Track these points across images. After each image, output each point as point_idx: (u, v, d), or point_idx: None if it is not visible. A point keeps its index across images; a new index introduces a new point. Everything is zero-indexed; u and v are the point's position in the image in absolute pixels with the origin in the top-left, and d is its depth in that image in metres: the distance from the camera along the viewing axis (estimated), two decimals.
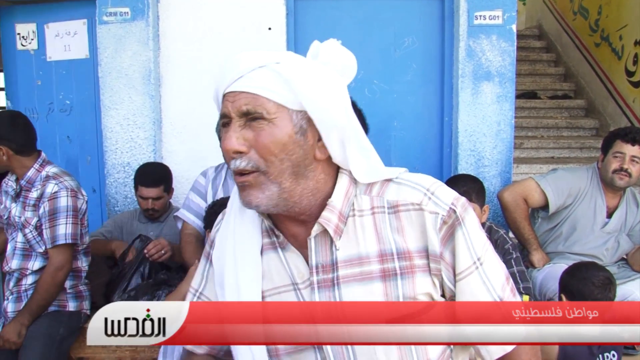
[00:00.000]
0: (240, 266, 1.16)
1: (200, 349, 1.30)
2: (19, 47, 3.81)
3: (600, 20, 6.32)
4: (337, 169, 1.13)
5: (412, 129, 3.72)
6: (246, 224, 1.18)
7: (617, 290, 2.81)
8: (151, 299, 2.71)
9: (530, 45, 7.54)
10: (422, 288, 1.09)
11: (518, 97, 5.97)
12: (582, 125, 6.20)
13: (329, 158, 1.11)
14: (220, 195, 2.84)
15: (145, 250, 2.82)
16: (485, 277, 1.10)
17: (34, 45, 3.79)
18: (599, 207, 3.04)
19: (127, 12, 3.50)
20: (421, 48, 3.66)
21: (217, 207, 2.60)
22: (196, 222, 2.83)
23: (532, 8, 8.42)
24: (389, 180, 1.14)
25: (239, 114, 1.05)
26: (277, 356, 1.16)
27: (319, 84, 1.05)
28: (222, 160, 2.96)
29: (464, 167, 3.55)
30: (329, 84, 1.07)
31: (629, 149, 2.93)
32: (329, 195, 1.11)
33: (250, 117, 1.04)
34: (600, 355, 2.20)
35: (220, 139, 2.97)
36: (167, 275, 2.85)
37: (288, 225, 1.14)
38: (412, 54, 3.64)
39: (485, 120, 3.55)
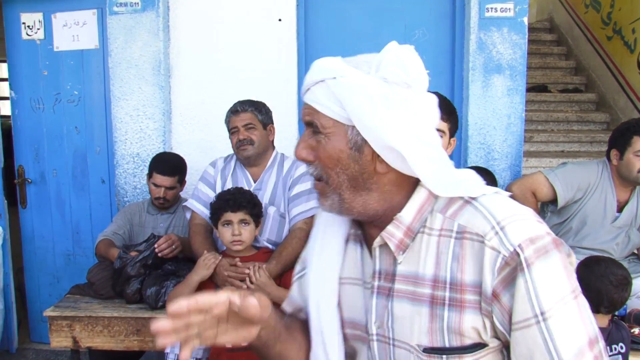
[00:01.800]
0: (325, 250, 1.22)
1: (289, 307, 1.38)
2: (24, 36, 3.80)
3: (613, 13, 6.25)
4: (415, 180, 1.10)
5: None
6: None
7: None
8: (159, 290, 2.72)
9: (541, 38, 7.49)
10: (469, 324, 1.02)
11: (528, 90, 5.92)
12: (592, 119, 6.15)
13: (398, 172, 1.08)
14: (229, 185, 2.84)
15: (155, 245, 2.82)
16: (549, 335, 0.95)
17: (40, 35, 3.78)
18: (609, 202, 3.02)
19: (138, 3, 3.49)
20: (432, 40, 3.64)
21: (222, 198, 2.60)
22: (205, 212, 2.83)
23: (544, 1, 8.35)
24: (469, 201, 1.06)
25: (305, 123, 1.10)
26: (344, 327, 1.21)
27: (370, 104, 1.02)
28: (231, 151, 2.96)
29: (474, 160, 3.53)
30: (384, 104, 1.03)
31: None
32: (402, 206, 1.09)
33: (312, 129, 1.09)
34: (608, 347, 2.18)
35: (229, 129, 3.00)
36: (175, 266, 2.86)
37: (367, 225, 1.17)
38: (422, 46, 3.61)
39: (495, 114, 3.53)
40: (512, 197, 3.15)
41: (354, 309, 1.18)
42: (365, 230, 1.18)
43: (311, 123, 1.08)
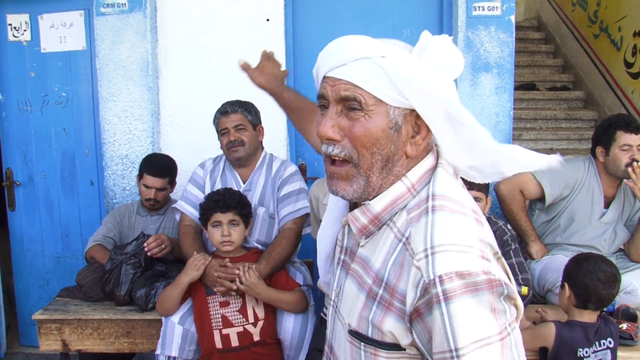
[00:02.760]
0: (329, 211, 1.29)
1: None
2: (11, 38, 3.77)
3: (599, 11, 6.30)
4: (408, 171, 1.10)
5: None
6: None
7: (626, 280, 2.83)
8: (149, 292, 2.72)
9: (529, 36, 7.52)
10: (388, 327, 1.02)
11: (517, 88, 5.95)
12: (580, 116, 6.19)
13: (419, 157, 1.10)
14: (218, 186, 2.83)
15: (144, 244, 2.81)
16: None
17: (27, 36, 3.75)
18: (596, 198, 3.04)
19: (125, 4, 3.48)
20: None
21: (211, 199, 2.60)
22: (194, 213, 2.83)
23: None
24: (428, 211, 1.03)
25: (337, 99, 1.06)
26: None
27: (425, 83, 1.03)
28: (220, 152, 2.96)
29: None
30: (434, 83, 1.03)
31: (634, 139, 2.92)
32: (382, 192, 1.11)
33: (348, 105, 1.05)
34: (596, 342, 2.20)
35: (218, 131, 2.98)
36: (165, 267, 2.85)
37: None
38: (410, 45, 3.62)
39: (483, 112, 3.55)
40: (500, 195, 3.14)
41: (332, 271, 1.29)
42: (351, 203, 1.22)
43: (348, 99, 1.05)
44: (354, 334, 1.09)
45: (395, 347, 1.03)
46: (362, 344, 1.07)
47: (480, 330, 0.93)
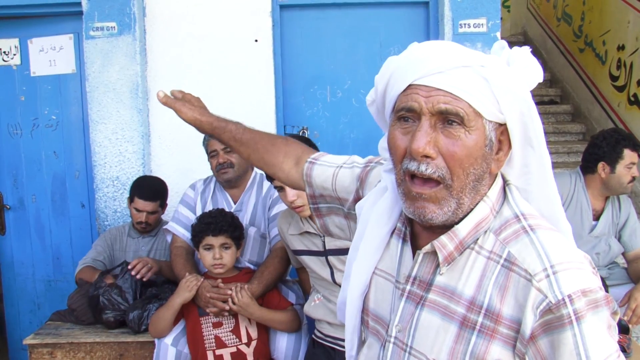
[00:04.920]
0: (369, 237, 1.15)
1: (308, 189, 1.40)
2: (0, 62, 3.79)
3: (584, 26, 6.39)
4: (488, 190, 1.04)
5: None
6: (389, 202, 1.14)
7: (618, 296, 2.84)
8: (142, 314, 2.71)
9: None
10: (494, 356, 0.95)
11: None
12: (568, 130, 6.25)
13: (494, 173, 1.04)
14: (209, 207, 2.84)
15: (129, 266, 2.81)
16: None
17: (16, 60, 3.77)
18: (585, 212, 3.06)
19: (114, 27, 3.50)
20: None
21: (203, 221, 2.60)
22: (186, 235, 2.83)
23: (517, 15, 8.50)
24: (526, 230, 0.98)
25: (433, 112, 0.95)
26: (367, 315, 1.19)
27: (520, 94, 0.98)
28: (210, 173, 2.96)
29: None
30: (527, 94, 0.99)
31: (635, 157, 2.99)
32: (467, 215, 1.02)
33: (446, 120, 0.95)
34: None
35: (208, 153, 2.98)
36: (157, 290, 2.85)
37: (417, 224, 1.09)
38: None
39: None
40: None
41: (380, 303, 1.15)
42: (413, 229, 1.12)
43: (448, 112, 0.95)
44: None
45: None
46: None
47: (606, 348, 0.90)
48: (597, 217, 3.10)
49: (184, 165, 3.59)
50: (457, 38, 3.52)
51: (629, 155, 2.97)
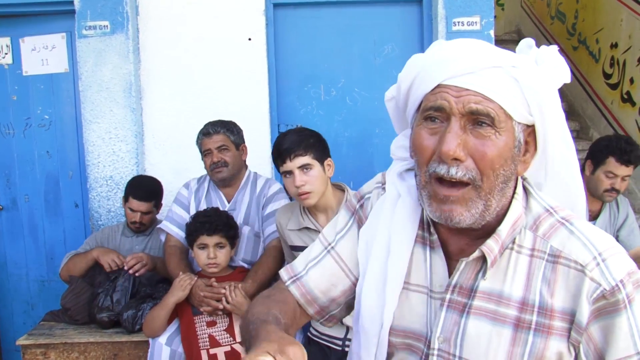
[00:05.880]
0: (393, 255, 1.09)
1: (311, 309, 1.22)
2: None
3: (577, 24, 6.40)
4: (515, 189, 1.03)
5: (393, 136, 3.70)
6: (407, 210, 1.10)
7: None
8: (136, 313, 2.70)
9: (510, 49, 7.61)
10: (554, 350, 0.97)
11: None
12: None
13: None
14: (203, 206, 2.83)
15: (125, 265, 2.82)
16: None
17: (8, 59, 3.75)
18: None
19: (107, 26, 3.49)
20: (401, 55, 3.69)
21: (198, 220, 2.60)
22: (179, 234, 2.83)
23: (511, 13, 8.51)
24: (563, 222, 1.01)
25: (463, 112, 0.94)
26: (394, 345, 1.12)
27: (551, 95, 0.98)
28: (204, 172, 2.96)
29: None
30: (555, 96, 0.99)
31: (623, 170, 2.89)
32: (502, 216, 1.02)
33: (476, 121, 0.94)
34: None
35: (201, 152, 2.98)
36: (151, 289, 2.84)
37: (445, 229, 1.07)
38: (392, 61, 3.66)
39: None
40: None
41: (412, 317, 1.09)
42: (439, 233, 1.08)
43: (479, 113, 0.93)
44: None
45: None
46: None
47: None
48: (594, 218, 3.09)
49: (178, 165, 3.58)
50: (450, 36, 3.52)
51: (612, 164, 2.89)
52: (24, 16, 3.68)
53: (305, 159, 2.28)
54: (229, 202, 2.90)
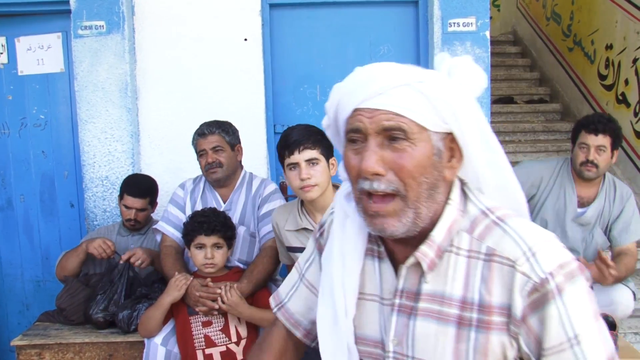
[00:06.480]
0: (347, 267, 1.17)
1: (298, 332, 1.35)
2: None
3: (573, 25, 6.43)
4: (449, 194, 1.10)
5: None
6: (355, 227, 1.17)
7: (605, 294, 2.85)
8: (131, 314, 2.70)
9: (506, 50, 7.64)
10: (496, 344, 1.03)
11: (495, 102, 6.04)
12: (558, 128, 6.28)
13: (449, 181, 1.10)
14: (198, 207, 2.83)
15: (122, 259, 2.83)
16: (582, 357, 0.99)
17: (3, 59, 3.74)
18: (569, 198, 3.04)
19: (103, 26, 3.48)
20: (397, 56, 3.70)
21: (195, 220, 2.60)
22: (175, 234, 2.83)
23: (507, 14, 8.54)
24: (497, 223, 1.07)
25: (377, 130, 1.02)
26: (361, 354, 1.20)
27: (465, 104, 1.04)
28: (200, 172, 2.96)
29: None
30: (469, 104, 1.06)
31: (593, 140, 2.92)
32: (432, 222, 1.08)
33: (390, 136, 1.01)
34: None
35: (197, 152, 2.98)
36: (147, 289, 2.84)
37: (389, 240, 1.14)
38: (387, 61, 3.66)
39: None
40: None
41: (368, 325, 1.18)
42: (387, 246, 1.16)
43: (392, 129, 1.01)
44: None
45: None
46: None
47: (586, 313, 1.00)
48: (584, 205, 3.07)
49: (174, 165, 3.58)
50: (446, 37, 3.54)
51: (583, 135, 2.96)
52: (20, 16, 3.67)
53: (313, 153, 2.30)
54: (224, 202, 2.90)
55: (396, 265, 1.14)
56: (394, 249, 1.14)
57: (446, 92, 1.02)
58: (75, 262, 2.96)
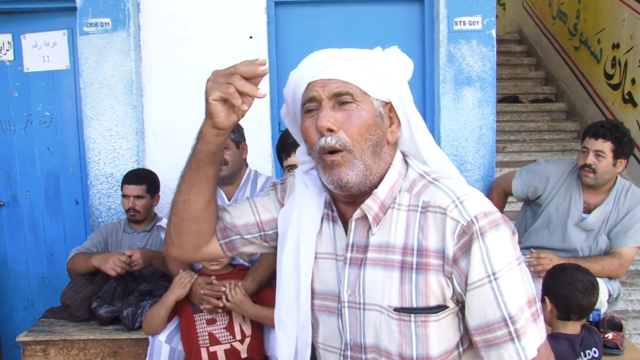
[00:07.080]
0: (303, 228, 1.32)
1: (217, 225, 1.43)
2: None
3: (579, 24, 6.40)
4: (392, 159, 1.26)
5: None
6: (313, 195, 1.33)
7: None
8: (135, 311, 2.70)
9: (511, 49, 7.62)
10: (434, 283, 1.17)
11: (500, 101, 6.02)
12: (563, 128, 6.26)
13: (394, 146, 1.28)
14: None
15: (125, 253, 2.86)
16: (499, 292, 1.13)
17: (9, 56, 3.75)
18: (574, 202, 3.01)
19: (108, 23, 3.49)
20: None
21: None
22: None
23: (512, 13, 8.51)
24: (432, 182, 1.23)
25: (329, 96, 1.19)
26: (314, 297, 1.34)
27: (395, 75, 1.23)
28: None
29: None
30: (402, 77, 1.25)
31: (593, 144, 2.90)
32: (377, 183, 1.23)
33: (340, 100, 1.19)
34: (582, 353, 2.21)
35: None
36: (151, 286, 2.84)
37: (340, 204, 1.30)
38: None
39: (467, 125, 3.58)
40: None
41: (325, 281, 1.32)
42: (339, 210, 1.31)
43: (341, 94, 1.18)
44: (400, 310, 1.19)
45: (440, 308, 1.18)
46: (412, 315, 1.18)
47: (506, 256, 1.15)
48: (591, 211, 3.01)
49: (179, 162, 3.54)
50: (452, 35, 3.53)
51: (586, 140, 2.96)
52: (26, 13, 3.68)
53: None
54: (229, 200, 2.90)
55: (347, 226, 1.29)
56: (346, 211, 1.29)
57: (383, 66, 1.22)
58: (82, 269, 2.96)
